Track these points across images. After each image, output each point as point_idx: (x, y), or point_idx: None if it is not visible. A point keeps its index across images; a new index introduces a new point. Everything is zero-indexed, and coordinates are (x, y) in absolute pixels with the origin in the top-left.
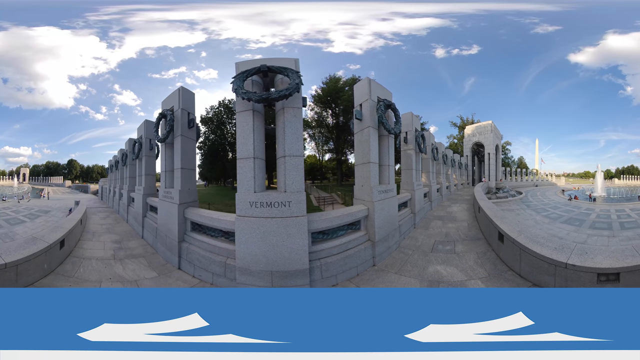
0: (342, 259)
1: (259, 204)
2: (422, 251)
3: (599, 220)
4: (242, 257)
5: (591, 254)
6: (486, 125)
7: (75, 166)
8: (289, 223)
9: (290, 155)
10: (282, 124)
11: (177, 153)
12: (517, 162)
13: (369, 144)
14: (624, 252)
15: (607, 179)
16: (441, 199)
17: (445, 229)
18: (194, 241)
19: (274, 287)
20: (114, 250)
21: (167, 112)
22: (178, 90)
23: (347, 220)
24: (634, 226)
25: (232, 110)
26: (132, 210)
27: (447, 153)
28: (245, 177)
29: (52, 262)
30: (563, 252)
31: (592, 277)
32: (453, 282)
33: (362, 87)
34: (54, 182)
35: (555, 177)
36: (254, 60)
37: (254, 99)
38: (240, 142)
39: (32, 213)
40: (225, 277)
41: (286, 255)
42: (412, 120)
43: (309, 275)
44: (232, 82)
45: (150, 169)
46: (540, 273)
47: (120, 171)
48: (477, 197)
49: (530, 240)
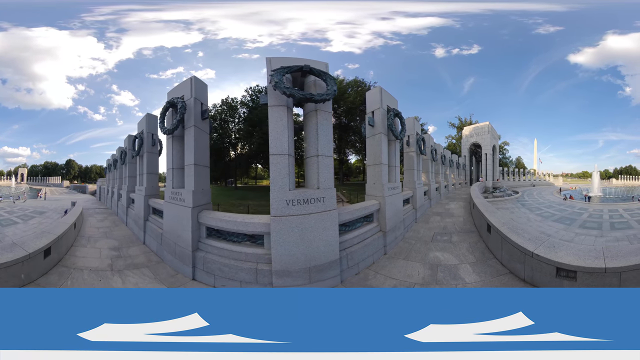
0: (362, 248)
1: (295, 201)
2: (423, 241)
3: (590, 220)
4: (279, 260)
5: (557, 249)
6: (483, 126)
7: (74, 166)
8: (324, 217)
9: (323, 155)
10: (314, 126)
11: (190, 147)
12: (515, 162)
13: (380, 148)
14: (589, 253)
15: (606, 179)
16: (440, 197)
17: (443, 223)
18: (212, 249)
19: (310, 283)
20: (111, 259)
21: (178, 100)
22: (190, 80)
23: (364, 213)
24: (624, 227)
25: (249, 103)
26: (132, 212)
27: (446, 154)
28: (279, 175)
29: (31, 273)
30: (533, 242)
31: (553, 270)
32: (448, 265)
33: (374, 96)
34: (52, 182)
35: (553, 177)
36: (293, 59)
37: (296, 96)
38: (273, 138)
39: (26, 214)
40: (257, 284)
41: (322, 248)
42: (413, 125)
43: (339, 265)
44: (272, 75)
45: (152, 167)
46: (514, 261)
47: (119, 170)
48: (473, 195)
49: (511, 231)
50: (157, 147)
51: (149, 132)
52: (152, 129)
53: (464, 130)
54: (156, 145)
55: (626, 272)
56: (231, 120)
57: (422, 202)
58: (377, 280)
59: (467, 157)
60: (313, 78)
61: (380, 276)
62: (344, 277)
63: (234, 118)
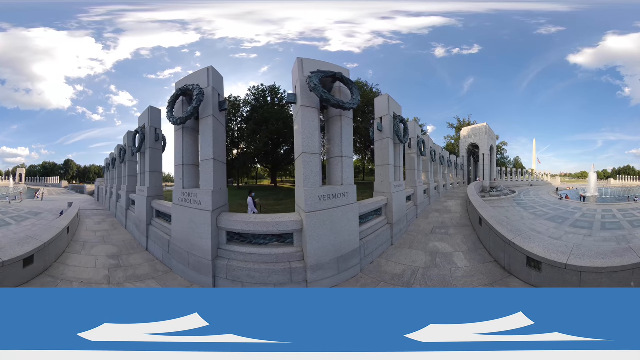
0: (374, 238)
1: (326, 197)
2: (424, 233)
3: (583, 219)
4: (313, 254)
5: (532, 240)
6: (481, 127)
7: (72, 166)
8: (348, 210)
9: (346, 156)
10: (339, 130)
11: (207, 139)
12: (513, 162)
13: (388, 151)
14: (558, 248)
15: (604, 179)
16: (439, 195)
17: (442, 219)
18: (237, 255)
19: (339, 274)
20: (108, 270)
21: (194, 87)
22: (207, 69)
23: (375, 207)
24: (615, 227)
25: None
26: (132, 215)
27: (444, 155)
28: (311, 172)
29: (4, 283)
30: (514, 233)
31: (524, 259)
32: (445, 253)
33: (382, 103)
34: (50, 182)
35: (551, 177)
36: (323, 63)
37: (331, 101)
38: (305, 137)
39: (20, 215)
40: (292, 283)
41: (347, 238)
42: (414, 128)
43: (359, 254)
44: (310, 77)
45: (155, 165)
46: (498, 249)
47: (118, 169)
48: (469, 193)
49: (497, 223)
50: (161, 142)
51: (152, 126)
52: (155, 122)
53: (462, 131)
54: (160, 140)
55: (586, 272)
56: (234, 119)
57: (422, 199)
58: (390, 267)
59: (465, 158)
60: (338, 84)
61: (391, 263)
62: (363, 265)
63: (236, 117)
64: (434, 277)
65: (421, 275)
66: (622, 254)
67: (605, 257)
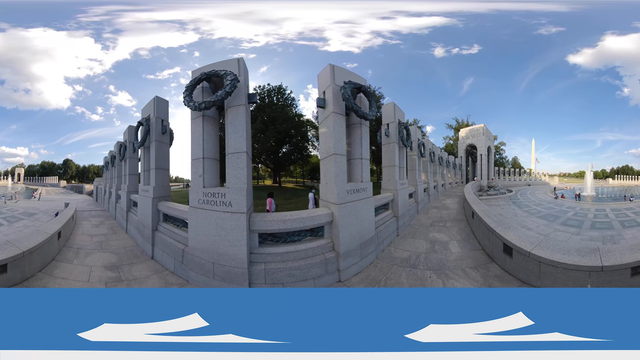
0: (384, 228)
1: (352, 191)
2: (424, 226)
3: (574, 218)
4: (344, 242)
5: (511, 230)
6: (478, 128)
7: (71, 166)
8: (367, 202)
9: (365, 158)
10: (359, 135)
11: (239, 129)
12: (512, 161)
13: (394, 154)
14: (530, 238)
15: (602, 179)
16: (437, 194)
17: (440, 214)
18: (273, 257)
19: (361, 260)
20: (106, 285)
21: (225, 72)
22: (237, 60)
23: (384, 201)
24: (605, 227)
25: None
26: (133, 218)
27: (443, 155)
28: (341, 170)
29: None
30: (498, 223)
31: (502, 246)
32: (442, 241)
33: (388, 111)
34: (49, 182)
35: (549, 176)
36: (351, 73)
37: (359, 112)
38: (336, 140)
39: (14, 215)
40: (327, 274)
41: (366, 226)
42: (415, 131)
43: (375, 241)
44: (344, 88)
45: (162, 161)
46: (484, 238)
47: (118, 168)
48: (465, 192)
49: (485, 214)
50: (168, 136)
51: (158, 117)
52: (162, 114)
53: (460, 132)
54: (167, 133)
55: (545, 264)
56: None
57: (422, 197)
58: (398, 253)
59: (463, 158)
60: (360, 95)
61: (399, 250)
62: (377, 252)
63: None
64: (433, 260)
65: (423, 258)
66: (585, 254)
67: (566, 254)
